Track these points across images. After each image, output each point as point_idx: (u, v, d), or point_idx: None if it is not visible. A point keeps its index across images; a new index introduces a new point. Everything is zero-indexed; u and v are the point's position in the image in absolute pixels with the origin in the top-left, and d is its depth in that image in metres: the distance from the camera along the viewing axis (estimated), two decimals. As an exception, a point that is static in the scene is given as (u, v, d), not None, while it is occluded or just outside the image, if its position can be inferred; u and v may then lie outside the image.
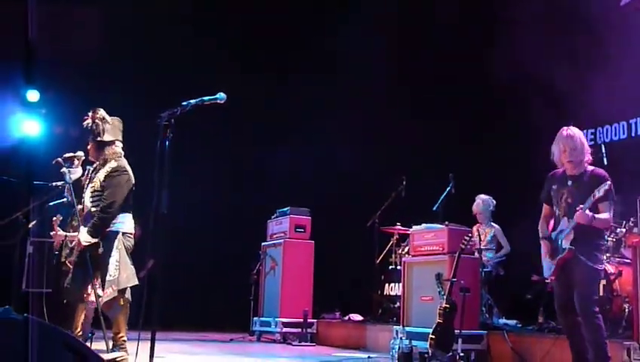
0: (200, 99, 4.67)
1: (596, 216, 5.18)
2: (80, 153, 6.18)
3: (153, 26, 11.12)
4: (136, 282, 5.87)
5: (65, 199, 7.68)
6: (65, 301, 5.92)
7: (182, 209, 6.71)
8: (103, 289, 5.63)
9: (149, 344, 4.26)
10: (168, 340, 8.35)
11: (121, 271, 5.67)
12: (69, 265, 7.27)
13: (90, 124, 5.89)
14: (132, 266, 5.84)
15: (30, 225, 8.29)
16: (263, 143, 11.56)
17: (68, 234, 7.23)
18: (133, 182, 5.93)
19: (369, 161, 11.20)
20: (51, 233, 7.25)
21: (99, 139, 5.87)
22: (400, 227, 9.23)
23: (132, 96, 10.40)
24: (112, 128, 5.94)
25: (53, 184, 7.72)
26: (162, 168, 4.47)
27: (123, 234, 5.82)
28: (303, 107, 11.48)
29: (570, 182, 5.36)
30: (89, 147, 6.00)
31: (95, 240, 5.67)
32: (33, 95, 10.33)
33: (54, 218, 7.46)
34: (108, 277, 5.61)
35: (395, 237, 9.35)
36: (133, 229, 5.99)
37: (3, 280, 8.24)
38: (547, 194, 5.53)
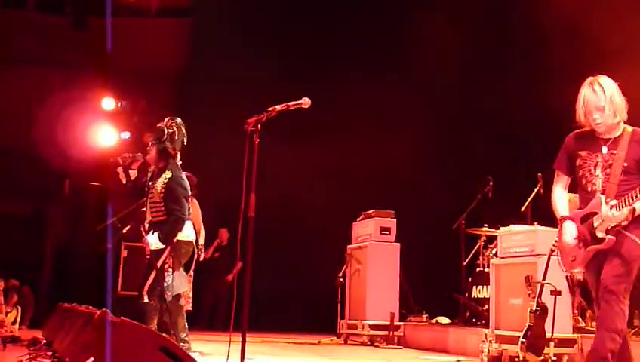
0: (285, 104, 4.75)
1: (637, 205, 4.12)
2: (139, 155, 6.23)
3: (233, 36, 11.34)
4: (187, 288, 5.98)
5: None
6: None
7: (269, 213, 6.80)
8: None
9: (239, 346, 4.36)
10: (257, 342, 8.48)
11: (174, 277, 5.77)
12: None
13: (164, 130, 5.97)
14: (184, 273, 5.93)
15: (124, 230, 8.60)
16: (347, 145, 11.60)
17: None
18: (189, 188, 6.01)
19: (455, 161, 11.08)
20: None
21: (166, 147, 5.95)
22: (487, 229, 9.09)
23: (217, 102, 10.65)
24: (180, 140, 6.03)
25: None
26: (249, 172, 4.56)
27: (177, 241, 5.90)
28: (387, 109, 11.45)
29: (605, 149, 4.32)
30: (150, 150, 6.04)
31: (163, 246, 5.78)
32: (111, 104, 10.77)
33: (142, 226, 7.71)
34: (163, 284, 5.73)
35: (482, 239, 9.21)
36: (190, 236, 6.04)
37: (101, 283, 8.57)
38: (568, 161, 4.54)
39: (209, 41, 11.60)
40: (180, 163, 6.04)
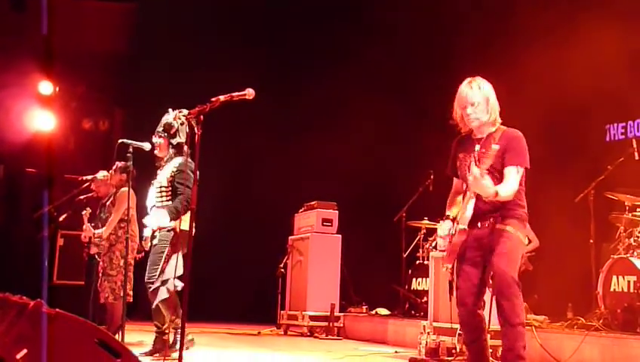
0: (229, 95, 4.69)
1: (500, 189, 4.09)
2: (147, 145, 6.16)
3: (178, 23, 11.18)
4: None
5: (93, 193, 7.79)
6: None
7: (210, 204, 6.74)
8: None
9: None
10: (196, 333, 8.39)
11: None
12: (97, 258, 7.38)
13: (170, 121, 5.95)
14: None
15: (61, 219, 8.42)
16: (290, 137, 11.58)
17: (96, 232, 7.33)
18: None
19: (396, 154, 11.15)
20: (84, 226, 7.36)
21: (175, 140, 5.98)
22: (427, 221, 9.20)
23: (159, 92, 10.48)
24: (185, 129, 6.01)
25: (83, 178, 7.84)
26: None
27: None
28: (329, 100, 11.46)
29: (477, 147, 4.37)
30: (158, 142, 6.05)
31: (173, 224, 5.86)
32: (49, 88, 10.50)
33: (83, 212, 7.56)
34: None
35: (422, 232, 9.32)
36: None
37: (35, 272, 8.37)
38: (453, 166, 4.62)
39: (153, 26, 11.39)
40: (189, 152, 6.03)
